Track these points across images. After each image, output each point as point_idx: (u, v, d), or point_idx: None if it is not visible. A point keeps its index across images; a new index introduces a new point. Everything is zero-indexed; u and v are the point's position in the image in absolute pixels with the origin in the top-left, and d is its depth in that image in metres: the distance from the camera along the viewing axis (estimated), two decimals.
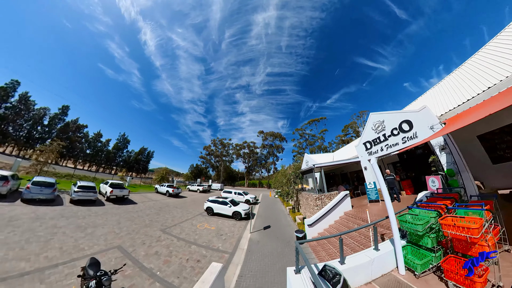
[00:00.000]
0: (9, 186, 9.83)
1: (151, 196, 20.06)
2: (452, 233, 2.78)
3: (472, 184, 5.53)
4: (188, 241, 8.12)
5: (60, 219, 8.36)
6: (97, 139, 50.26)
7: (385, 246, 3.91)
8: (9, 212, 8.01)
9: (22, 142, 37.06)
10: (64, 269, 4.63)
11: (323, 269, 3.02)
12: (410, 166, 10.81)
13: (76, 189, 11.48)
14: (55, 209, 9.63)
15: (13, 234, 6.08)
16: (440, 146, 6.45)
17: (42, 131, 40.10)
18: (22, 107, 36.43)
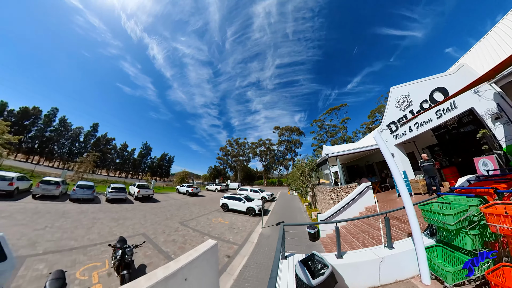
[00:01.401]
0: (61, 189, 12.40)
1: (172, 196, 21.77)
2: (503, 227, 1.75)
3: None
4: (202, 232, 8.70)
5: (98, 213, 10.32)
6: (124, 149, 57.01)
7: (404, 244, 3.02)
8: (62, 208, 10.32)
9: (65, 157, 46.47)
10: (101, 247, 5.99)
11: (310, 258, 2.70)
12: (453, 149, 8.35)
13: (110, 190, 13.80)
14: (94, 206, 11.78)
15: (65, 223, 7.87)
16: (493, 115, 4.79)
17: (79, 146, 48.57)
18: (62, 128, 45.23)
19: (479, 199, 2.42)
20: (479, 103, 5.10)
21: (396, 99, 8.24)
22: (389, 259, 2.74)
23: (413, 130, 7.79)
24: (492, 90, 4.75)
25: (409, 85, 7.61)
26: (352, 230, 6.75)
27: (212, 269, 3.03)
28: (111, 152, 54.18)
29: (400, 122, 7.98)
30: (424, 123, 7.20)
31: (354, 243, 5.70)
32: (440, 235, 2.82)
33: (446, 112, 6.17)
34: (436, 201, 2.91)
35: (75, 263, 4.92)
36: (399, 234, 4.68)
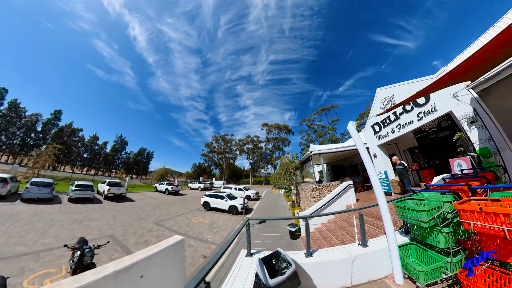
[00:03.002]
0: (8, 187, 10.46)
1: (150, 194, 20.40)
2: (477, 224, 1.72)
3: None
4: (179, 232, 8.61)
5: (58, 214, 9.24)
6: (93, 142, 50.13)
7: (379, 242, 2.98)
8: (10, 210, 8.98)
9: (17, 150, 37.88)
10: (58, 252, 5.35)
11: (274, 256, 2.58)
12: (433, 151, 8.90)
13: (73, 188, 12.17)
14: (53, 207, 10.50)
15: (13, 226, 6.92)
16: (469, 119, 5.13)
17: (36, 137, 39.79)
18: (12, 114, 36.28)
19: (453, 196, 2.42)
20: (457, 107, 5.39)
21: (381, 100, 8.52)
22: (363, 258, 2.67)
23: (395, 131, 8.12)
24: (470, 95, 5.02)
25: (394, 87, 7.89)
26: (331, 227, 6.87)
27: (176, 268, 2.79)
28: (77, 145, 47.16)
29: (376, 114, 8.29)
30: (405, 124, 7.53)
31: (332, 240, 5.75)
32: (414, 233, 2.83)
33: (427, 115, 6.48)
34: (411, 198, 2.91)
35: (24, 270, 4.41)
36: (376, 232, 4.81)
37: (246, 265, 2.80)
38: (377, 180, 2.76)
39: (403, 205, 2.68)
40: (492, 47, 2.06)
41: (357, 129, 13.36)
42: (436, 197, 2.68)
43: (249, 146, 58.29)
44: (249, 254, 3.04)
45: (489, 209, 1.72)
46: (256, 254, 3.05)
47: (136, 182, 35.44)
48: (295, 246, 7.04)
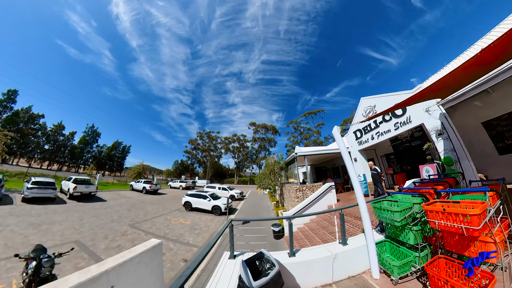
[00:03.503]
0: None
1: (125, 194, 18.75)
2: (441, 223, 2.03)
3: (474, 173, 4.80)
4: (157, 235, 8.11)
5: (7, 217, 7.94)
6: (58, 131, 43.59)
7: (357, 240, 3.21)
8: None
9: None
10: (7, 264, 4.63)
11: (258, 257, 2.58)
12: (406, 158, 9.99)
13: (29, 185, 10.44)
14: (2, 208, 9.03)
15: None
16: (437, 131, 5.88)
17: None
18: None
19: (421, 198, 2.78)
20: (428, 120, 6.12)
21: (364, 109, 9.20)
22: (343, 256, 2.86)
23: (375, 138, 8.86)
24: (439, 110, 5.75)
25: (376, 98, 8.60)
26: (313, 226, 7.22)
27: (153, 275, 2.62)
28: (36, 134, 39.83)
29: (359, 121, 9.01)
30: (384, 133, 8.26)
31: (315, 239, 6.06)
32: (388, 231, 3.15)
33: (403, 125, 7.22)
34: (386, 199, 3.24)
35: None
36: (355, 230, 5.20)
37: (229, 267, 2.77)
38: (357, 182, 3.01)
39: (380, 206, 2.97)
40: (460, 71, 2.41)
41: (341, 134, 14.07)
42: (407, 199, 3.01)
43: (235, 144, 57.62)
44: (232, 256, 3.01)
45: (451, 210, 2.02)
46: (240, 256, 3.04)
47: (109, 179, 32.48)
48: (279, 246, 7.23)
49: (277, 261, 2.62)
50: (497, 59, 2.14)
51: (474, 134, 6.56)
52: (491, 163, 6.32)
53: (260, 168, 55.32)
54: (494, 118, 6.25)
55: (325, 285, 2.74)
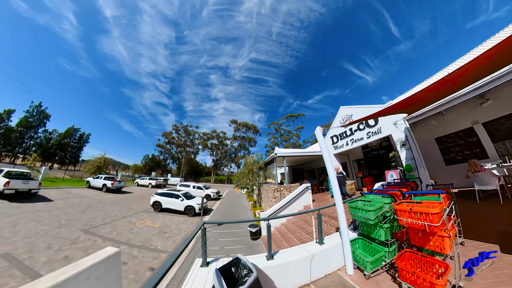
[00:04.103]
0: None
1: (78, 192, 16.16)
2: (408, 221, 2.32)
3: (428, 179, 5.75)
4: (118, 241, 7.18)
5: None
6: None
7: (333, 239, 3.39)
8: None
9: None
10: None
11: (234, 263, 2.45)
12: (374, 164, 11.28)
13: None
14: None
15: None
16: (401, 142, 6.80)
17: None
18: None
19: (391, 198, 3.13)
20: (395, 132, 7.01)
21: (342, 117, 9.99)
22: (320, 255, 2.99)
23: (349, 144, 9.71)
24: (404, 125, 6.64)
25: (353, 108, 9.44)
26: (290, 226, 7.41)
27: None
28: None
29: (338, 126, 9.83)
30: (357, 140, 9.12)
31: (292, 239, 6.23)
32: (361, 229, 3.44)
33: (374, 135, 8.10)
34: (361, 200, 3.54)
35: None
36: (329, 229, 5.53)
37: (202, 276, 2.56)
38: (336, 183, 3.18)
39: (355, 206, 3.22)
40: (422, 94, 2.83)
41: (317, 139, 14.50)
42: (378, 199, 3.32)
43: (214, 141, 55.63)
44: (205, 263, 2.80)
45: (416, 209, 2.32)
46: (214, 263, 2.87)
47: (58, 174, 27.66)
48: (256, 247, 7.27)
49: (254, 266, 2.57)
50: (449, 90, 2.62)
51: (429, 147, 8.04)
52: (440, 172, 7.75)
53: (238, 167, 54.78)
54: (444, 136, 7.86)
55: (303, 285, 2.82)
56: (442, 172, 7.71)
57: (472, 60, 1.75)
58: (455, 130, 7.42)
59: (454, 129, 7.44)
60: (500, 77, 3.92)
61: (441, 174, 7.69)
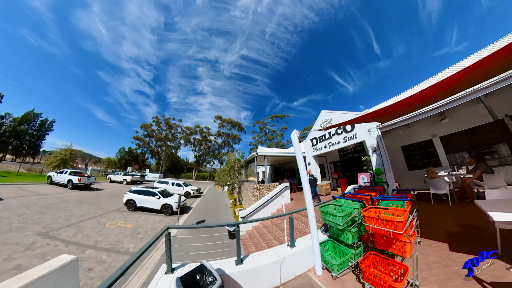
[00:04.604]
0: None
1: (37, 189, 14.30)
2: (375, 227, 2.44)
3: (393, 182, 6.32)
4: (84, 244, 6.49)
5: None
6: None
7: (305, 241, 3.47)
8: None
9: None
10: None
11: (199, 270, 2.33)
12: (348, 166, 12.03)
13: None
14: None
15: None
16: (373, 148, 7.35)
17: None
18: None
19: (360, 203, 3.26)
20: (368, 138, 7.53)
21: (322, 120, 10.39)
22: (291, 258, 3.00)
23: (327, 147, 10.17)
24: (377, 132, 7.14)
25: (333, 113, 9.87)
26: (269, 225, 7.49)
27: None
28: None
29: (317, 129, 10.31)
30: (334, 143, 9.61)
31: (268, 238, 6.30)
32: (331, 232, 3.52)
33: (350, 139, 8.61)
34: (332, 204, 3.65)
35: None
36: (306, 228, 5.59)
37: (165, 284, 2.39)
38: (308, 187, 3.19)
39: (326, 210, 3.27)
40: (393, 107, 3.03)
41: (300, 140, 15.23)
42: (349, 204, 3.44)
43: (197, 136, 53.52)
44: (170, 270, 2.61)
45: (383, 216, 2.45)
46: (180, 269, 2.68)
47: (12, 167, 24.04)
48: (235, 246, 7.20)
49: (221, 271, 2.49)
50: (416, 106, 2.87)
51: (396, 154, 8.86)
52: (403, 176, 8.58)
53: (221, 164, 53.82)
54: (408, 145, 8.82)
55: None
56: (405, 176, 8.56)
57: (435, 84, 1.91)
58: (417, 140, 8.35)
59: (417, 139, 8.37)
60: (457, 99, 4.47)
61: (404, 177, 8.52)
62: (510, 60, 1.74)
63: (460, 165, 6.98)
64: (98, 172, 36.97)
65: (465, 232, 3.70)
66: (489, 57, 1.57)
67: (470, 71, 1.78)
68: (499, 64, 1.77)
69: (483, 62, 1.65)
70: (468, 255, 2.94)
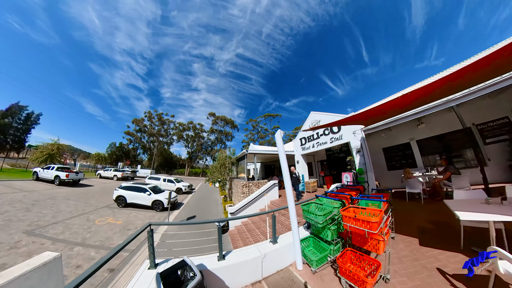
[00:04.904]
0: None
1: (22, 185, 13.33)
2: (351, 226, 2.54)
3: (373, 181, 6.53)
4: (72, 242, 6.21)
5: None
6: None
7: (286, 238, 3.52)
8: None
9: None
10: None
11: (180, 266, 2.31)
12: (334, 165, 12.34)
13: None
14: None
15: None
16: (357, 149, 7.59)
17: None
18: None
19: (340, 202, 3.33)
20: (353, 140, 7.73)
21: (311, 121, 10.53)
22: (272, 254, 3.04)
23: (315, 146, 10.36)
24: (361, 134, 7.33)
25: (322, 114, 10.01)
26: (257, 221, 7.53)
27: None
28: None
29: (304, 130, 10.50)
30: (322, 143, 9.80)
31: (256, 233, 6.37)
32: (313, 228, 3.61)
33: (336, 140, 8.81)
34: (314, 202, 3.72)
35: None
36: (289, 223, 5.83)
37: (146, 280, 2.36)
38: (290, 186, 3.22)
39: (307, 209, 3.34)
40: (375, 111, 3.14)
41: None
42: (330, 203, 3.52)
43: (190, 133, 52.43)
44: (153, 265, 2.60)
45: (360, 216, 2.54)
46: (164, 264, 2.65)
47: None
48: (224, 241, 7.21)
49: (203, 267, 2.50)
50: (397, 111, 3.00)
51: (377, 155, 9.24)
52: (383, 175, 8.96)
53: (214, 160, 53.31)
54: (389, 147, 9.22)
55: (255, 282, 2.84)
56: (385, 176, 8.97)
57: (413, 90, 2.03)
58: (397, 143, 8.80)
59: (396, 142, 8.81)
60: (433, 107, 4.74)
61: (384, 177, 8.93)
62: (477, 75, 1.88)
63: (433, 166, 7.45)
64: (88, 167, 35.27)
65: (434, 228, 3.93)
66: (461, 71, 1.68)
67: (444, 83, 1.89)
68: (468, 79, 1.90)
69: (456, 76, 1.76)
70: (435, 249, 3.15)
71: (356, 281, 2.30)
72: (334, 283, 2.61)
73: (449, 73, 1.84)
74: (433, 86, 1.95)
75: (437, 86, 1.96)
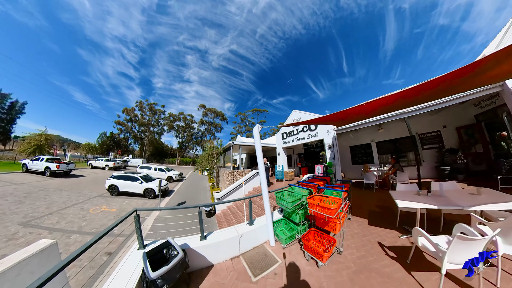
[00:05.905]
0: None
1: (12, 178, 12.24)
2: (315, 211, 2.86)
3: (340, 174, 7.10)
4: (68, 230, 5.91)
5: None
6: None
7: (262, 220, 3.75)
8: None
9: None
10: None
11: (165, 245, 2.39)
12: (310, 158, 13.03)
13: None
14: None
15: None
16: (329, 145, 8.09)
17: None
18: None
19: (308, 191, 3.64)
20: (326, 137, 8.16)
21: (293, 118, 10.83)
22: (249, 234, 3.23)
23: (294, 141, 10.78)
24: (333, 133, 7.74)
25: (302, 113, 10.31)
26: (242, 206, 7.82)
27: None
28: None
29: (285, 125, 10.88)
30: (300, 139, 10.21)
31: (238, 215, 6.67)
32: (285, 212, 3.85)
33: (312, 137, 9.23)
34: (287, 190, 3.96)
35: None
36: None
37: (135, 259, 2.41)
38: (264, 174, 3.35)
39: (280, 196, 3.56)
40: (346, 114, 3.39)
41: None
42: (300, 191, 3.77)
43: (181, 123, 50.14)
44: (141, 246, 2.65)
45: (322, 204, 2.84)
46: (152, 245, 2.68)
47: None
48: (211, 223, 7.42)
49: (187, 246, 2.64)
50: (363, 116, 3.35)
51: (344, 152, 9.99)
52: (348, 168, 9.76)
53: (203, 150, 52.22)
54: (355, 146, 10.09)
55: (233, 257, 3.03)
56: (350, 169, 9.81)
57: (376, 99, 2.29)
58: (361, 143, 9.70)
59: (361, 142, 9.70)
60: (390, 116, 5.41)
61: (349, 169, 9.77)
62: (423, 96, 2.22)
63: (385, 163, 8.43)
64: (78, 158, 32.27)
65: (380, 212, 4.49)
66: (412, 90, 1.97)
67: (398, 99, 2.22)
68: (416, 98, 2.26)
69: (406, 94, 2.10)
70: (379, 228, 3.64)
71: (316, 254, 2.65)
72: (299, 256, 2.94)
73: (402, 90, 2.15)
74: (391, 99, 2.20)
75: (394, 99, 2.21)
